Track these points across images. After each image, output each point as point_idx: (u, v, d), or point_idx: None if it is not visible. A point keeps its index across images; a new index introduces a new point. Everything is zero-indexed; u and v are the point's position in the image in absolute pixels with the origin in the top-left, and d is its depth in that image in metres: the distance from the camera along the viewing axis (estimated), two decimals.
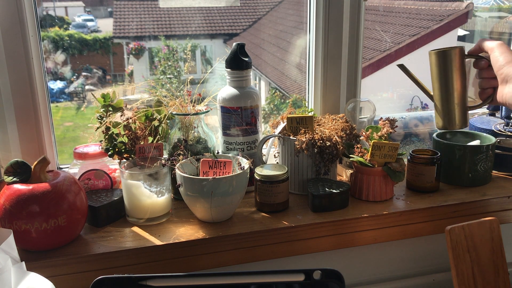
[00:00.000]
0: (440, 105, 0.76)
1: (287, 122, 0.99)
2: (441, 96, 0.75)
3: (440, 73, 0.74)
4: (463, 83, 0.74)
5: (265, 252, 0.87)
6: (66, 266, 0.78)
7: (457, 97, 0.74)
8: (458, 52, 0.73)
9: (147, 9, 4.20)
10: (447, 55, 0.73)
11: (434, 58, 0.74)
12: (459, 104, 0.75)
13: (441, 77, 0.74)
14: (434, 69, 0.75)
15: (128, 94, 1.06)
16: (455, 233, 0.91)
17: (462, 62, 0.73)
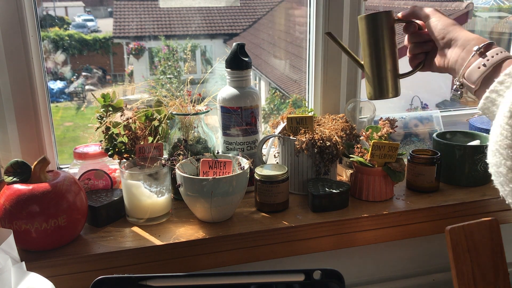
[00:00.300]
0: (371, 73, 0.73)
1: (287, 122, 0.99)
2: (371, 63, 0.72)
3: (370, 38, 0.71)
4: (394, 49, 0.72)
5: (265, 252, 0.87)
6: (66, 266, 0.78)
7: (389, 63, 0.72)
8: (388, 16, 0.71)
9: (147, 9, 4.20)
10: (377, 19, 0.70)
11: (364, 23, 0.71)
12: (391, 70, 0.72)
13: (371, 43, 0.71)
14: (364, 35, 0.72)
15: (128, 94, 1.06)
16: (455, 233, 0.91)
17: (392, 27, 0.71)
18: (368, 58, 0.73)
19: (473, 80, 0.62)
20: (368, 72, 0.73)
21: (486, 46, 0.62)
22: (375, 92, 0.74)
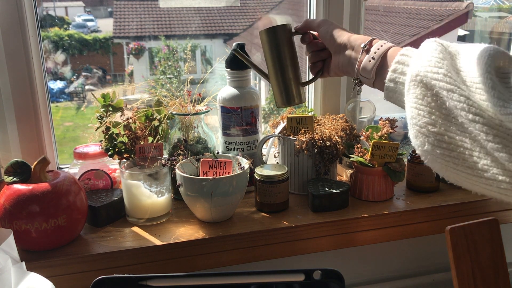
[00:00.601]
0: (276, 83, 0.77)
1: (287, 122, 0.99)
2: (276, 74, 0.77)
3: (272, 50, 0.76)
4: (294, 59, 0.77)
5: (265, 252, 0.87)
6: (66, 266, 0.78)
7: (291, 72, 0.77)
8: (285, 29, 0.76)
9: (147, 9, 4.20)
10: (276, 32, 0.75)
11: (264, 36, 0.76)
12: (293, 79, 0.77)
13: (273, 55, 0.76)
14: (266, 47, 0.77)
15: (128, 94, 1.06)
16: (455, 233, 0.91)
17: (290, 39, 0.76)
18: (271, 69, 0.77)
19: (368, 74, 0.67)
20: (274, 82, 0.78)
21: (370, 42, 0.68)
22: (282, 100, 0.78)
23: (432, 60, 0.54)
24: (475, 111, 0.49)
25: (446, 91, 0.51)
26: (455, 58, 0.54)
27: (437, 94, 0.52)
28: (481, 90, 0.48)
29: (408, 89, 0.56)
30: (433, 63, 0.53)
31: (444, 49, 0.55)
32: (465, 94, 0.50)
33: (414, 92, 0.55)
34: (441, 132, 0.52)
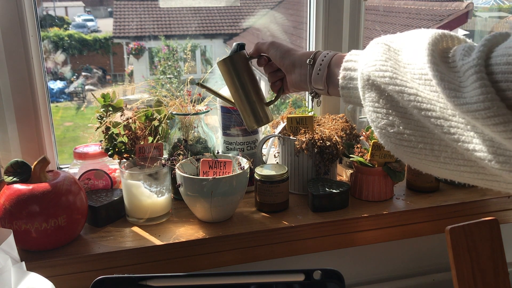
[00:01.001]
0: (242, 108, 0.80)
1: (287, 122, 0.99)
2: (240, 99, 0.79)
3: (232, 78, 0.79)
4: (254, 82, 0.79)
5: (265, 252, 0.87)
6: (66, 266, 0.78)
7: (254, 95, 0.79)
8: (240, 56, 0.78)
9: (147, 9, 4.20)
10: (233, 60, 0.78)
11: (223, 66, 0.79)
12: (257, 101, 0.79)
13: (234, 82, 0.79)
14: (227, 76, 0.79)
15: (128, 94, 1.06)
16: (455, 233, 0.91)
17: (246, 64, 0.79)
18: (235, 95, 0.80)
19: (320, 85, 0.70)
20: (239, 108, 0.80)
21: (314, 55, 0.71)
22: (251, 123, 0.80)
23: (376, 64, 0.55)
24: (426, 107, 0.49)
25: (396, 92, 0.52)
26: (400, 53, 0.54)
27: (390, 96, 0.53)
28: (430, 82, 0.48)
29: (363, 93, 0.57)
30: (378, 67, 0.54)
31: (388, 48, 0.56)
32: (413, 92, 0.50)
33: (369, 96, 0.56)
34: (400, 131, 0.53)
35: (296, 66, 0.73)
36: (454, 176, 0.52)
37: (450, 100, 0.46)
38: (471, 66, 0.44)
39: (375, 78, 0.55)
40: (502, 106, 0.42)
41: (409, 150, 0.54)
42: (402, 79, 0.52)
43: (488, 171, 0.48)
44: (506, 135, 0.42)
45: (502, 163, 0.44)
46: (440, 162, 0.52)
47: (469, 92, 0.44)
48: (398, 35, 0.59)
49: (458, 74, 0.46)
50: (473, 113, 0.43)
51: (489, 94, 0.42)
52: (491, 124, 0.42)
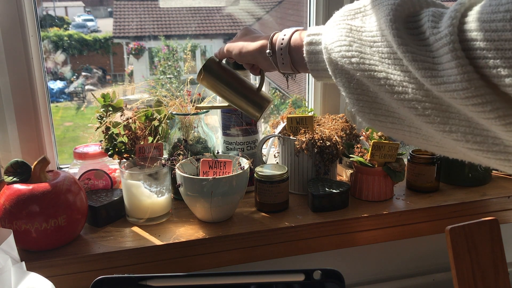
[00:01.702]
0: (240, 105, 0.82)
1: (287, 122, 0.99)
2: (233, 99, 0.81)
3: (216, 84, 0.81)
4: (237, 78, 0.82)
5: (265, 252, 0.87)
6: (66, 266, 0.78)
7: (243, 89, 0.81)
8: (212, 62, 0.81)
9: (147, 9, 4.20)
10: (207, 69, 0.80)
11: (203, 79, 0.81)
12: (248, 93, 0.81)
13: (220, 87, 0.81)
14: (211, 86, 0.82)
15: (128, 94, 1.06)
16: (455, 233, 0.91)
17: (221, 65, 0.81)
18: (228, 99, 0.82)
19: (289, 70, 0.68)
20: (239, 105, 0.82)
21: (271, 43, 0.68)
22: (254, 113, 0.82)
23: (341, 50, 0.52)
24: (398, 90, 0.47)
25: (366, 78, 0.50)
26: (363, 31, 0.51)
27: (360, 81, 0.52)
28: (401, 61, 0.46)
29: (334, 78, 0.56)
30: (343, 53, 0.52)
31: (350, 29, 0.53)
32: (383, 75, 0.48)
33: (340, 81, 0.54)
34: (372, 118, 0.53)
35: (258, 60, 0.71)
36: (433, 150, 0.52)
37: (425, 80, 0.43)
38: (445, 43, 0.41)
39: (342, 64, 0.53)
40: (481, 85, 0.39)
41: (387, 131, 0.53)
42: (370, 62, 0.49)
43: (460, 151, 0.47)
44: (484, 115, 0.40)
45: (479, 143, 0.43)
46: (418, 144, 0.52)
47: (445, 71, 0.41)
48: (357, 5, 0.55)
49: (430, 49, 0.43)
50: (451, 93, 0.41)
51: (466, 73, 0.39)
52: (469, 104, 0.40)
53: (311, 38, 0.60)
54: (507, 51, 0.37)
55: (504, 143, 0.42)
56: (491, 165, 0.45)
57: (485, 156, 0.44)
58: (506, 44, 0.37)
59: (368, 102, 0.52)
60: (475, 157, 0.45)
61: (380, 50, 0.48)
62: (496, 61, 0.38)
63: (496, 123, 0.40)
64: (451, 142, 0.46)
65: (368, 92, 0.52)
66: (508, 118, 0.39)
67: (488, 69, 0.38)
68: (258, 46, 0.71)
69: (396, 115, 0.51)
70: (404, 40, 0.45)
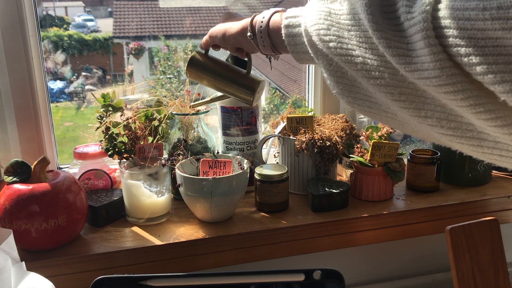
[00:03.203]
0: (231, 91, 0.83)
1: (287, 122, 0.99)
2: (225, 86, 0.82)
3: (205, 75, 0.82)
4: (223, 65, 0.83)
5: (265, 252, 0.87)
6: (66, 266, 0.78)
7: (231, 74, 0.82)
8: (198, 54, 0.83)
9: (147, 9, 4.20)
10: (194, 61, 0.82)
11: (190, 71, 0.82)
12: (238, 77, 0.82)
13: (209, 77, 0.82)
14: (201, 77, 0.83)
15: (128, 94, 1.06)
16: (455, 233, 0.91)
17: (207, 56, 0.83)
18: (218, 87, 0.83)
19: (270, 52, 0.69)
20: (229, 93, 0.84)
21: (251, 26, 0.69)
22: (247, 96, 0.82)
23: (320, 33, 0.52)
24: (374, 75, 0.47)
25: (343, 62, 0.50)
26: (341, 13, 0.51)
27: (338, 65, 0.52)
28: (376, 46, 0.46)
29: (316, 59, 0.55)
30: (321, 37, 0.52)
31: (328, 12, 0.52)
32: (360, 60, 0.48)
33: (322, 63, 0.54)
34: (350, 101, 0.53)
35: (242, 42, 0.72)
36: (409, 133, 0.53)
37: (400, 67, 0.43)
38: (419, 30, 0.40)
39: (321, 47, 0.52)
40: (454, 74, 0.39)
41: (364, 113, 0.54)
42: (348, 47, 0.49)
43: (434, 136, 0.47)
44: (457, 103, 0.40)
45: (454, 128, 0.43)
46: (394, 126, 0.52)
47: (419, 58, 0.41)
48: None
49: (404, 35, 0.43)
50: (424, 80, 0.41)
51: (438, 61, 0.39)
52: (442, 92, 0.41)
53: (289, 20, 0.60)
54: (479, 40, 0.37)
55: (477, 129, 0.42)
56: (464, 150, 0.46)
57: (458, 142, 0.44)
58: (478, 33, 0.37)
59: (347, 85, 0.53)
60: (449, 142, 0.46)
61: (357, 34, 0.48)
62: (468, 49, 0.37)
63: (468, 111, 0.40)
64: (426, 127, 0.46)
65: (347, 75, 0.52)
66: (479, 107, 0.39)
67: (460, 57, 0.38)
68: (239, 28, 0.71)
69: (373, 100, 0.51)
70: (379, 25, 0.45)
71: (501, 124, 0.39)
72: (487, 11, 0.35)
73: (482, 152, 0.43)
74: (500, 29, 0.35)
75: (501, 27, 0.35)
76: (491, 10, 0.35)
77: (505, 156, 0.42)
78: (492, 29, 0.36)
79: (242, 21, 0.71)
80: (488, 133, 0.41)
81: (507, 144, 0.41)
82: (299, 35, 0.59)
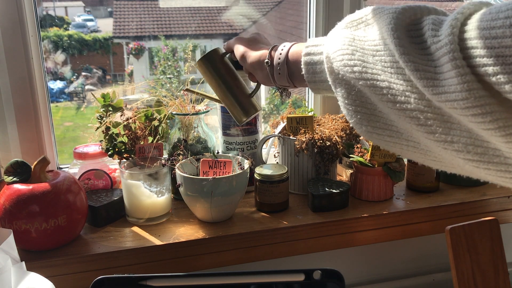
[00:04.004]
0: (228, 102, 0.80)
1: (287, 122, 0.99)
2: (224, 94, 0.79)
3: (212, 75, 0.79)
4: (234, 76, 0.80)
5: (265, 252, 0.87)
6: (66, 266, 0.78)
7: (236, 89, 0.79)
8: (216, 53, 0.79)
9: (147, 9, 4.20)
10: (210, 58, 0.79)
11: (201, 65, 0.79)
12: (240, 94, 0.79)
13: (215, 79, 0.79)
14: (206, 75, 0.80)
15: (128, 94, 1.06)
16: (455, 233, 0.91)
17: (222, 60, 0.80)
18: (218, 92, 0.80)
19: (285, 83, 0.67)
20: (225, 103, 0.80)
21: (270, 53, 0.67)
22: (240, 116, 0.80)
23: (344, 59, 0.52)
24: (400, 100, 0.46)
25: (368, 87, 0.49)
26: (365, 40, 0.51)
27: (360, 91, 0.51)
28: (403, 70, 0.45)
29: (334, 88, 0.55)
30: (345, 62, 0.51)
31: (352, 38, 0.52)
32: (385, 85, 0.47)
33: (340, 91, 0.54)
34: (369, 130, 0.52)
35: (256, 68, 0.70)
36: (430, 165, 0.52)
37: (426, 90, 0.43)
38: (446, 52, 0.40)
39: (344, 73, 0.52)
40: (482, 96, 0.39)
41: (383, 144, 0.53)
42: (373, 71, 0.49)
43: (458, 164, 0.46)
44: (484, 126, 0.40)
45: (480, 154, 0.43)
46: (415, 158, 0.51)
47: (446, 80, 0.41)
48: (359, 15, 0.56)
49: (432, 58, 0.43)
50: (451, 102, 0.41)
51: (466, 83, 0.39)
52: (469, 115, 0.40)
53: (309, 49, 0.60)
54: (507, 58, 0.37)
55: (504, 154, 0.41)
56: (490, 178, 0.45)
57: (485, 168, 0.44)
58: (506, 50, 0.36)
59: (367, 114, 0.52)
60: (474, 169, 0.45)
61: (382, 59, 0.48)
62: (496, 67, 0.37)
63: (495, 134, 0.40)
64: (451, 153, 0.45)
65: (367, 104, 0.51)
66: (508, 129, 0.39)
67: (488, 77, 0.38)
68: (258, 55, 0.70)
69: (395, 128, 0.50)
70: (405, 49, 0.45)
71: None
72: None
73: (510, 178, 0.43)
74: None
75: None
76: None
77: None
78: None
79: (262, 49, 0.70)
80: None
81: None
82: (319, 63, 0.58)
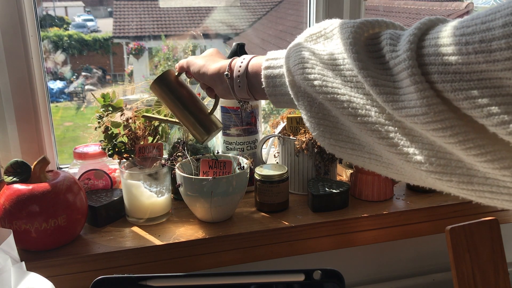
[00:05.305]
0: (187, 122, 0.78)
1: (287, 122, 0.99)
2: (182, 116, 0.78)
3: (166, 98, 0.77)
4: (190, 96, 0.78)
5: (265, 252, 0.87)
6: (66, 266, 0.78)
7: (194, 109, 0.77)
8: (169, 74, 0.78)
9: (147, 9, 4.20)
10: (163, 79, 0.77)
11: (156, 88, 0.78)
12: (199, 113, 0.77)
13: (171, 100, 0.77)
14: (161, 97, 0.78)
15: (128, 94, 1.06)
16: (455, 233, 0.91)
17: (177, 81, 0.78)
18: (177, 113, 0.78)
19: (245, 95, 0.66)
20: (186, 124, 0.78)
21: (230, 65, 0.66)
22: (200, 136, 0.78)
23: (304, 72, 0.51)
24: (360, 113, 0.46)
25: (328, 101, 0.49)
26: (324, 54, 0.51)
27: (321, 104, 0.51)
28: (362, 84, 0.46)
29: (296, 101, 0.54)
30: (305, 75, 0.51)
31: (312, 52, 0.52)
32: (346, 98, 0.47)
33: (302, 104, 0.53)
34: (332, 143, 0.52)
35: (216, 81, 0.69)
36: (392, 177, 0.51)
37: (386, 105, 0.43)
38: (404, 68, 0.41)
39: (305, 86, 0.52)
40: (441, 110, 0.39)
41: (346, 157, 0.53)
42: (333, 85, 0.49)
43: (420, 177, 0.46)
44: (445, 140, 0.40)
45: (443, 166, 0.43)
46: (374, 169, 0.51)
47: (406, 95, 0.41)
48: (318, 29, 0.55)
49: (390, 73, 0.43)
50: (412, 117, 0.41)
51: (425, 98, 0.39)
52: (430, 129, 0.40)
53: (269, 62, 0.59)
54: (464, 74, 0.37)
55: (466, 166, 0.42)
56: (453, 190, 0.45)
57: (447, 180, 0.43)
58: (463, 67, 0.37)
59: (329, 127, 0.52)
60: (436, 181, 0.44)
61: (342, 73, 0.48)
62: (454, 84, 0.38)
63: (457, 147, 0.40)
64: (413, 165, 0.45)
65: (330, 116, 0.51)
66: (468, 143, 0.39)
67: (447, 93, 0.38)
68: (217, 68, 0.69)
69: (357, 141, 0.50)
70: (364, 64, 0.45)
71: (491, 159, 0.38)
72: (470, 45, 0.36)
73: (472, 190, 0.43)
74: (484, 62, 0.35)
75: (485, 60, 0.35)
76: (474, 44, 0.35)
77: (495, 193, 0.41)
78: (476, 63, 0.36)
79: (221, 62, 0.69)
80: (478, 169, 0.41)
81: (497, 180, 0.40)
82: (279, 77, 0.58)
